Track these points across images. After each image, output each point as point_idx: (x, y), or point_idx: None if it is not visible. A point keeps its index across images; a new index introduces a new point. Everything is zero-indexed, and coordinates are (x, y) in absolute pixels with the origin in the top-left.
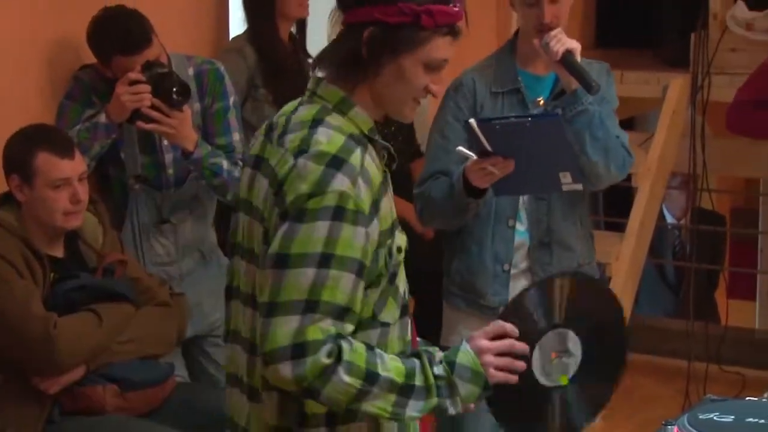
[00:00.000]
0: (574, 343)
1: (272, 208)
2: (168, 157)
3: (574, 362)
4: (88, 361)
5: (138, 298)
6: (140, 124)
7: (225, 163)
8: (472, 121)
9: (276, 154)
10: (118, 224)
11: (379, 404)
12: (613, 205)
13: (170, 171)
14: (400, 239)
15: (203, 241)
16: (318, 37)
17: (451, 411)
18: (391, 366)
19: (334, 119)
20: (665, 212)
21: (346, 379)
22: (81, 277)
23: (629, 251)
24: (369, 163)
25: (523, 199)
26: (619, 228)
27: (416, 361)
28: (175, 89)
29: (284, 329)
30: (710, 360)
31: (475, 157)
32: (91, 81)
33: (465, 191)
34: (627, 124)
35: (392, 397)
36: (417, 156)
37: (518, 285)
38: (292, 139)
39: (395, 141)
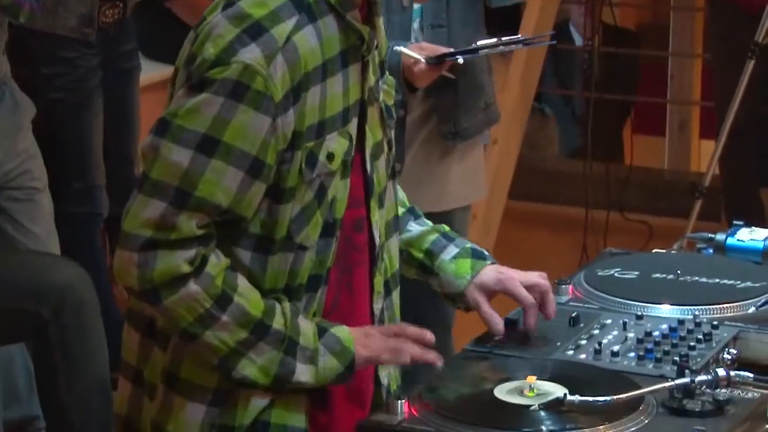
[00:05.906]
0: None
1: (183, 71)
2: None
3: None
4: None
5: None
6: None
7: None
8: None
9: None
10: None
11: (223, 336)
12: (497, 24)
13: None
14: (338, 144)
15: None
16: None
17: (301, 379)
18: (250, 296)
19: None
20: (572, 32)
21: (199, 294)
22: None
23: (517, 78)
24: (305, 39)
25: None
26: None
27: (276, 304)
28: None
29: (145, 213)
30: (612, 207)
31: (418, 57)
32: None
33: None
34: None
35: (242, 334)
36: None
37: None
38: None
39: None
